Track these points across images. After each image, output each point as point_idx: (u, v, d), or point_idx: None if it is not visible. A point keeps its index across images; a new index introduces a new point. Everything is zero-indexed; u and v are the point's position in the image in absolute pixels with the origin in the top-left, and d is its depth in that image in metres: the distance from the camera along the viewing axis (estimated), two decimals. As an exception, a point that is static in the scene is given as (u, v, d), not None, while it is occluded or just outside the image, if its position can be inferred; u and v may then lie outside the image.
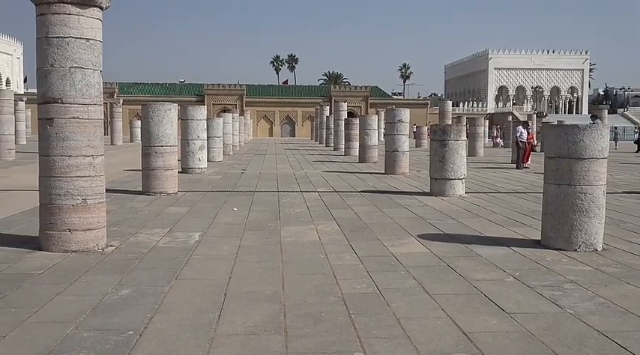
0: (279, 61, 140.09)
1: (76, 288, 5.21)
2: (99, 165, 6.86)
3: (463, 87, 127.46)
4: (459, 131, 12.48)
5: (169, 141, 12.37)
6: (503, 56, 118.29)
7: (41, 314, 4.51)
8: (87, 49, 6.64)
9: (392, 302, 4.89)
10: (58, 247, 6.59)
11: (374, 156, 23.14)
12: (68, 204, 6.63)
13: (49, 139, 6.62)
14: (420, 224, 8.77)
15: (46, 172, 6.69)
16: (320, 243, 7.34)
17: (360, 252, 6.77)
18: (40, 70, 6.65)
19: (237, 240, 7.46)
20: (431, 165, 12.61)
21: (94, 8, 6.66)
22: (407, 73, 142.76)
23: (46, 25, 6.52)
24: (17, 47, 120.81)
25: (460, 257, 6.59)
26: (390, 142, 18.01)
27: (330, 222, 8.84)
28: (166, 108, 12.43)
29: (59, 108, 6.57)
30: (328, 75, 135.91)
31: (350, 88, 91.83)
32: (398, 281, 5.55)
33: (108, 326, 4.23)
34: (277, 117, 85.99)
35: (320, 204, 10.87)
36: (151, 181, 12.13)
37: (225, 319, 4.43)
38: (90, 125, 6.72)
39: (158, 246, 7.03)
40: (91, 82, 6.71)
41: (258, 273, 5.80)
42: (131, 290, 5.14)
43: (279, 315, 4.53)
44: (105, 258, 6.36)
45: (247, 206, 10.50)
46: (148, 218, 9.08)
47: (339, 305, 4.79)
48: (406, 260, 6.41)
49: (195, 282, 5.46)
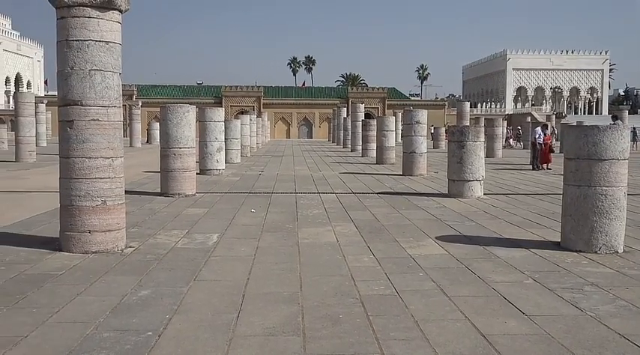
0: (296, 62, 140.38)
1: (96, 289, 5.26)
2: (118, 166, 6.92)
3: (481, 88, 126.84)
4: (477, 132, 12.41)
5: (187, 143, 12.44)
6: (522, 57, 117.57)
7: (62, 314, 4.56)
8: (106, 51, 6.70)
9: (410, 304, 4.88)
10: (78, 248, 6.66)
11: (391, 157, 23.08)
12: (88, 205, 6.69)
13: (69, 141, 6.69)
14: (438, 225, 8.74)
15: (67, 174, 6.76)
16: (338, 244, 7.34)
17: (378, 254, 6.76)
18: (60, 73, 6.72)
19: (255, 241, 7.48)
20: (449, 167, 12.55)
21: (113, 11, 6.73)
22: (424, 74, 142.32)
23: (66, 28, 6.60)
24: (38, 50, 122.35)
25: (478, 259, 6.55)
26: (407, 143, 17.96)
27: (347, 224, 8.83)
28: (184, 110, 12.51)
29: (79, 110, 6.64)
30: (345, 76, 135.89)
31: (367, 90, 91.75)
32: (416, 283, 5.53)
33: (127, 327, 4.26)
34: (295, 118, 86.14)
35: (337, 206, 10.87)
36: (170, 183, 12.21)
37: (244, 320, 4.45)
38: (109, 127, 6.78)
39: (177, 247, 7.07)
40: (111, 84, 6.77)
41: (276, 275, 5.81)
42: (150, 291, 5.17)
43: (297, 317, 4.54)
44: (124, 259, 6.41)
45: (265, 207, 10.53)
46: (167, 219, 9.14)
47: (357, 307, 4.78)
48: (424, 262, 6.38)
49: (214, 283, 5.48)
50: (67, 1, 6.51)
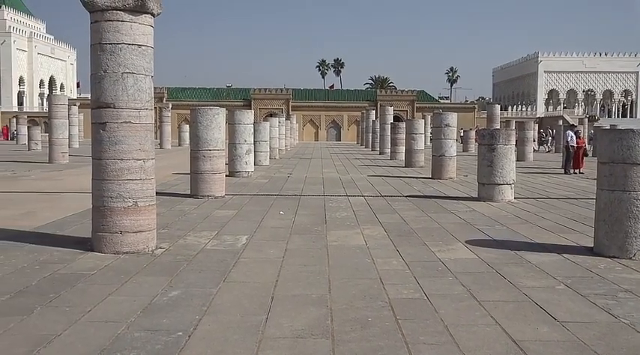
0: (325, 65, 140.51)
1: (127, 289, 5.32)
2: (149, 168, 7.00)
3: (512, 90, 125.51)
4: (507, 135, 12.27)
5: (217, 145, 12.53)
6: (554, 59, 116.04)
7: (94, 313, 4.62)
8: (139, 55, 6.79)
9: (440, 308, 4.84)
10: (109, 248, 6.75)
11: (420, 160, 22.97)
12: (120, 206, 6.78)
13: (102, 143, 6.79)
14: (468, 229, 8.66)
15: (99, 175, 6.86)
16: (366, 247, 7.32)
17: (407, 257, 6.72)
18: (93, 76, 6.82)
19: (284, 243, 7.50)
20: (479, 170, 12.43)
21: (145, 15, 6.81)
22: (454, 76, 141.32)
23: (99, 32, 6.70)
24: (71, 53, 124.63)
25: (509, 263, 6.47)
26: (437, 147, 17.85)
27: (376, 227, 8.81)
28: (214, 112, 12.61)
29: (112, 112, 6.74)
30: (374, 79, 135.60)
31: (396, 92, 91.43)
32: (446, 287, 5.49)
33: (158, 327, 4.31)
34: (323, 121, 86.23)
35: (366, 209, 10.84)
36: (199, 184, 12.31)
37: (273, 322, 4.46)
38: (141, 129, 6.87)
39: (206, 249, 7.12)
40: (143, 87, 6.86)
41: (304, 277, 5.81)
42: (180, 292, 5.22)
43: (325, 319, 4.53)
44: (155, 260, 6.48)
45: (294, 210, 10.55)
46: (197, 221, 9.22)
47: (386, 311, 4.76)
48: (454, 266, 6.33)
49: (243, 285, 5.51)
50: (100, 5, 6.61)
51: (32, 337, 4.07)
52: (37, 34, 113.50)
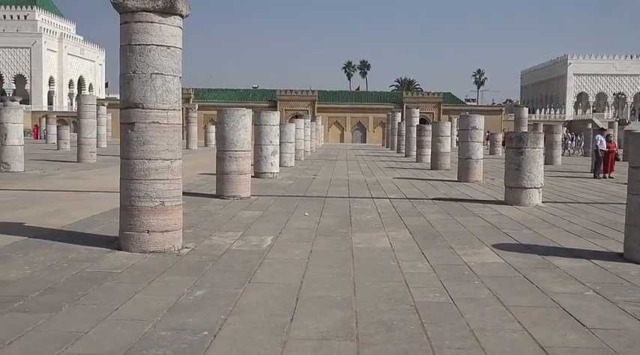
0: (351, 67, 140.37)
1: (154, 288, 5.37)
2: (177, 168, 7.06)
3: (540, 93, 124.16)
4: (536, 138, 12.13)
5: (243, 146, 12.59)
6: (583, 61, 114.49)
7: (121, 311, 4.67)
8: (167, 55, 6.85)
9: (466, 312, 4.79)
10: (136, 247, 6.81)
11: (446, 163, 22.83)
12: (147, 206, 6.84)
13: (130, 143, 6.86)
14: (495, 233, 8.57)
15: (127, 175, 6.93)
16: (391, 250, 7.29)
17: (433, 261, 6.67)
18: (123, 76, 6.90)
19: (309, 244, 7.50)
20: (506, 173, 12.31)
21: (175, 16, 6.87)
22: (481, 79, 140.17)
23: (129, 32, 6.77)
24: (100, 54, 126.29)
25: (537, 268, 6.39)
26: (463, 149, 17.72)
27: (401, 229, 8.76)
28: (241, 113, 12.67)
29: (140, 113, 6.80)
30: (400, 81, 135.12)
31: (422, 94, 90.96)
32: (472, 292, 5.43)
33: (184, 326, 4.33)
34: (348, 123, 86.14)
35: (391, 211, 10.80)
36: (225, 185, 12.38)
37: (297, 323, 4.46)
38: (169, 130, 6.92)
39: (232, 249, 7.15)
40: (171, 87, 6.92)
41: (329, 279, 5.81)
42: (206, 292, 5.25)
43: (350, 322, 4.52)
44: (181, 260, 6.52)
45: (319, 211, 10.55)
46: (222, 221, 9.26)
47: (411, 314, 4.73)
48: (480, 270, 6.27)
49: (268, 286, 5.52)
50: (130, 7, 6.68)
51: (60, 334, 4.12)
52: (67, 35, 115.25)
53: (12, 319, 4.42)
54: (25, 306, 4.74)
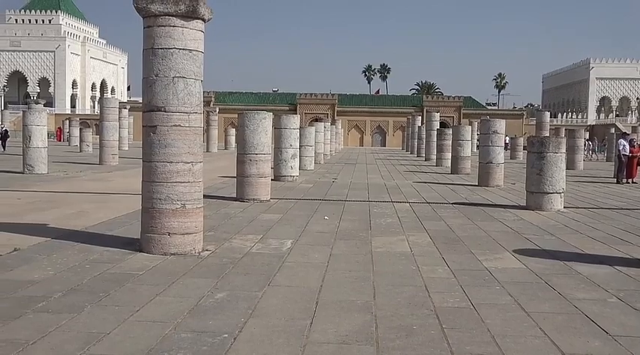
0: (371, 70, 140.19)
1: (175, 290, 5.40)
2: (198, 171, 7.10)
3: (562, 97, 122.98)
4: (558, 143, 12.02)
5: (264, 149, 12.63)
6: (606, 65, 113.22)
7: (142, 313, 4.70)
8: (189, 59, 6.90)
9: (486, 318, 4.76)
10: (157, 249, 6.87)
11: (467, 167, 22.70)
12: (168, 208, 6.89)
13: (152, 146, 6.92)
14: (516, 238, 8.51)
15: (149, 177, 6.99)
16: (411, 254, 7.26)
17: (453, 265, 6.64)
18: (145, 80, 6.96)
19: (329, 248, 7.50)
20: (527, 178, 12.21)
21: (197, 21, 6.92)
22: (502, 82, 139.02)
23: (152, 36, 6.84)
24: (122, 58, 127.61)
25: (559, 274, 6.33)
26: (484, 153, 17.61)
27: (421, 234, 8.73)
28: (261, 117, 12.71)
29: (162, 116, 6.86)
30: (420, 84, 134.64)
31: (442, 98, 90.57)
32: (492, 297, 5.40)
33: (204, 328, 4.36)
34: (368, 126, 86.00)
35: (411, 215, 10.76)
36: (245, 188, 12.43)
37: (317, 327, 4.46)
38: (190, 133, 6.97)
39: (252, 252, 7.18)
40: (193, 91, 6.97)
41: (349, 283, 5.80)
42: (226, 294, 5.27)
43: (370, 326, 4.51)
44: (201, 262, 6.56)
45: (338, 215, 10.55)
46: (242, 224, 9.30)
47: (431, 319, 4.71)
48: (501, 275, 6.22)
49: (288, 289, 5.53)
50: (153, 11, 6.75)
51: (83, 334, 4.17)
52: (90, 39, 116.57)
53: (36, 319, 4.48)
54: (49, 307, 4.80)
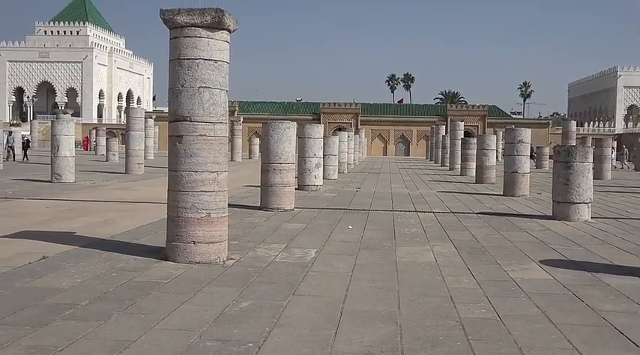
0: (394, 79, 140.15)
1: (200, 299, 5.43)
2: (223, 180, 7.15)
3: (589, 106, 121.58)
4: (585, 152, 11.87)
5: (288, 159, 12.68)
6: (634, 73, 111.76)
7: (168, 321, 4.73)
8: (215, 69, 6.96)
9: (513, 329, 4.70)
10: (182, 258, 6.91)
11: (492, 176, 22.52)
12: (193, 217, 6.94)
13: (178, 155, 6.98)
14: (542, 249, 8.40)
15: (174, 186, 7.05)
16: (436, 264, 7.21)
17: (479, 276, 6.58)
18: (171, 90, 7.04)
19: (353, 258, 7.48)
20: (554, 188, 12.07)
21: (222, 31, 6.99)
22: (527, 91, 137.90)
23: (178, 47, 6.92)
24: (148, 68, 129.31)
25: (587, 286, 6.23)
26: (509, 163, 17.46)
27: (446, 244, 8.67)
28: (285, 126, 12.77)
29: (188, 125, 6.93)
30: (444, 93, 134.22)
31: (467, 107, 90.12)
32: (519, 308, 5.33)
33: (229, 337, 4.37)
34: (392, 135, 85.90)
35: (436, 225, 10.70)
36: (269, 197, 12.47)
37: (342, 337, 4.44)
38: (215, 142, 7.03)
39: (276, 261, 7.19)
40: (218, 101, 7.02)
41: (373, 292, 5.78)
42: (251, 303, 5.28)
43: (395, 336, 4.48)
44: (226, 271, 6.59)
45: (362, 224, 10.53)
46: (266, 233, 9.33)
47: (457, 330, 4.67)
48: (528, 286, 6.15)
49: (312, 298, 5.52)
50: (180, 22, 6.83)
51: (109, 342, 4.21)
52: (116, 50, 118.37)
53: (64, 326, 4.53)
54: (76, 314, 4.85)
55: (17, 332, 4.36)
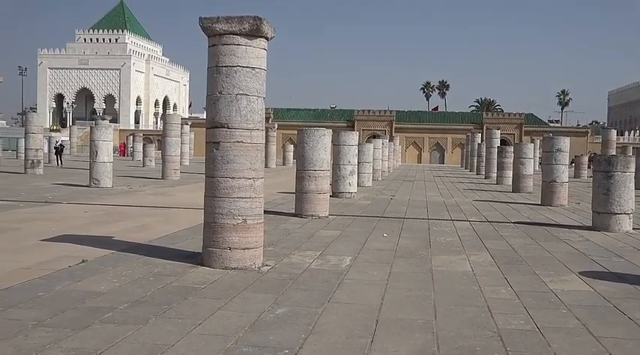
0: (429, 87, 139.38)
1: (236, 304, 5.46)
2: (259, 187, 7.19)
3: (629, 115, 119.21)
4: (626, 162, 11.61)
5: (322, 166, 12.69)
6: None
7: (204, 326, 4.77)
8: (252, 77, 7.02)
9: (553, 342, 4.61)
10: (218, 264, 6.96)
11: (529, 185, 22.19)
12: (229, 223, 6.99)
13: (215, 161, 7.04)
14: (582, 260, 8.24)
15: (211, 192, 7.11)
16: (473, 274, 7.13)
17: (517, 287, 6.47)
18: (209, 97, 7.11)
19: (388, 266, 7.44)
20: (594, 198, 11.83)
21: (260, 39, 7.04)
22: (565, 99, 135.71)
23: (216, 55, 6.99)
24: (184, 75, 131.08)
25: (628, 298, 6.08)
26: (547, 172, 17.18)
27: (483, 253, 8.56)
28: (321, 133, 12.79)
29: (225, 132, 6.99)
30: (480, 101, 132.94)
31: (503, 115, 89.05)
32: (559, 320, 5.23)
33: (265, 344, 4.37)
34: (426, 143, 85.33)
35: (472, 234, 10.58)
36: (304, 204, 12.49)
37: (377, 346, 4.42)
38: (252, 149, 7.07)
39: (311, 268, 7.19)
40: (255, 108, 7.07)
41: (409, 301, 5.73)
42: (286, 310, 5.29)
43: (431, 346, 4.44)
44: (261, 277, 6.61)
45: (397, 232, 10.47)
46: (301, 240, 9.34)
47: (495, 341, 4.60)
48: (567, 298, 6.03)
49: (347, 306, 5.50)
50: (218, 30, 6.90)
51: (148, 346, 4.25)
52: (154, 57, 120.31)
53: (103, 329, 4.60)
54: (115, 318, 4.92)
55: (58, 334, 4.44)
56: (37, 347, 4.16)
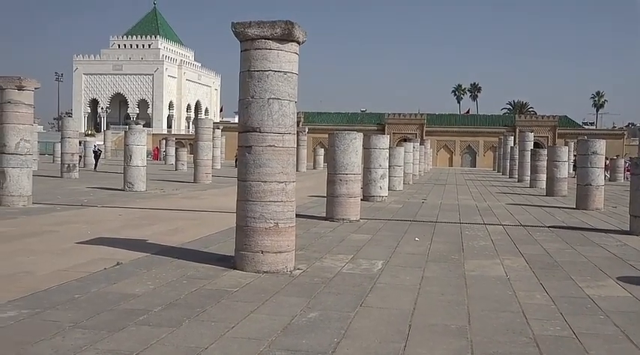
0: (460, 89, 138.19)
1: (268, 308, 5.47)
2: (290, 191, 7.20)
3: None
4: (665, 165, 11.35)
5: (354, 169, 12.67)
6: None
7: (237, 329, 4.79)
8: (284, 81, 7.04)
9: (591, 348, 4.52)
10: (251, 267, 6.99)
11: (563, 189, 21.84)
12: (262, 226, 7.02)
13: (247, 165, 7.08)
14: (620, 265, 8.07)
15: (243, 196, 7.15)
16: (507, 279, 7.03)
17: (552, 292, 6.37)
18: (241, 101, 7.16)
19: (420, 270, 7.39)
20: (631, 202, 11.59)
21: (292, 43, 7.06)
22: (600, 101, 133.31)
23: (249, 59, 7.03)
24: (215, 80, 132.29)
25: (669, 304, 5.94)
26: (582, 175, 16.90)
27: (517, 258, 8.45)
28: (352, 137, 12.78)
29: (257, 136, 7.02)
30: (512, 104, 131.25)
31: (536, 117, 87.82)
32: (596, 327, 5.13)
33: (298, 347, 4.38)
34: (458, 146, 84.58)
35: (505, 238, 10.45)
36: (335, 208, 12.48)
37: (411, 351, 4.38)
38: (284, 153, 7.09)
39: (342, 272, 7.18)
40: (287, 112, 7.09)
41: (442, 306, 5.68)
42: (318, 314, 5.28)
43: (466, 352, 4.39)
44: (293, 281, 6.62)
45: (429, 236, 10.39)
46: (332, 243, 9.33)
47: (530, 347, 4.53)
48: (605, 304, 5.91)
49: (380, 311, 5.48)
50: (250, 35, 6.94)
51: (182, 348, 4.29)
52: (186, 62, 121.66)
53: (138, 331, 4.65)
54: (149, 320, 4.97)
55: (94, 336, 4.50)
56: (73, 348, 4.22)
